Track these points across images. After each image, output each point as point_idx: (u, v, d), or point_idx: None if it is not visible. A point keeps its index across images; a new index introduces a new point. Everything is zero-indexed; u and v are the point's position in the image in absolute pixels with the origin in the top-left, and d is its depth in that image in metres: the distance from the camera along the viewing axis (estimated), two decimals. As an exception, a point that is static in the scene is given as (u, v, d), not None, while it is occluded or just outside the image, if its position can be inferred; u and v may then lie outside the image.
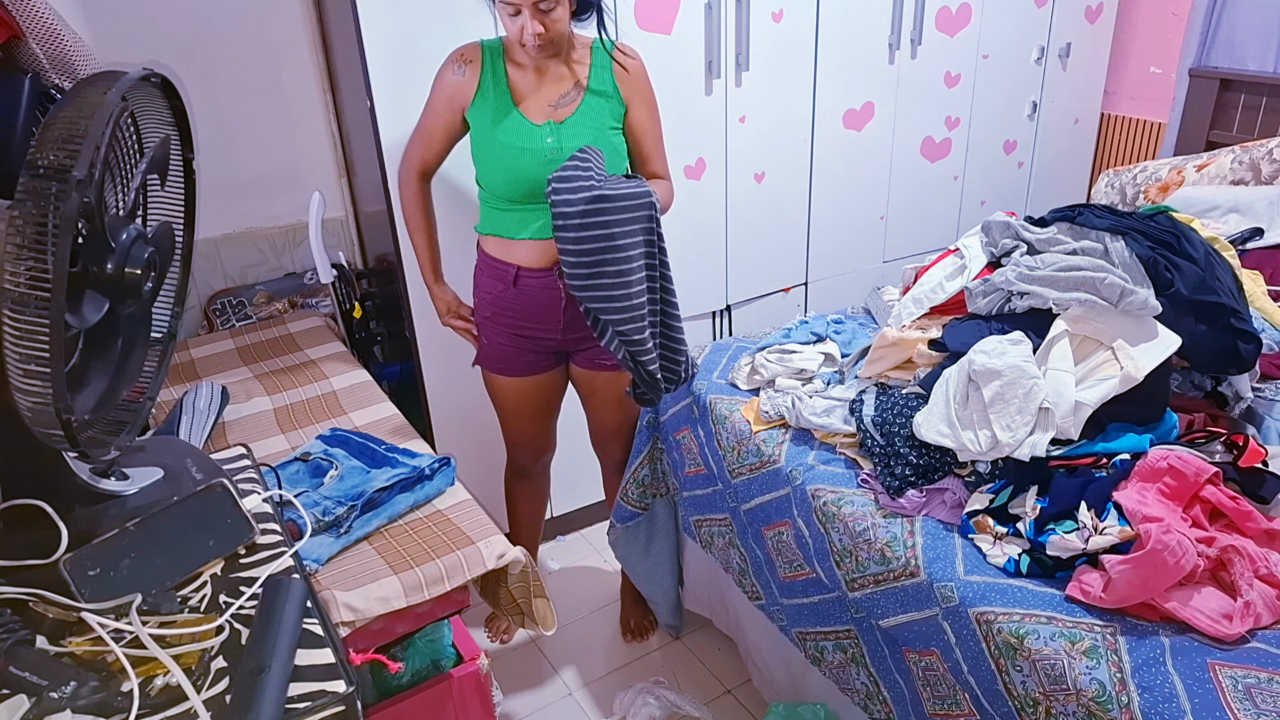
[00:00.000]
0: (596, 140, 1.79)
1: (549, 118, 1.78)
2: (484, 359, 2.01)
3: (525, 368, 1.97)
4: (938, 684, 1.45)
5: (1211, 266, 1.68)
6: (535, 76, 1.78)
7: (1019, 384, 1.49)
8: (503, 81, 1.78)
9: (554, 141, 1.77)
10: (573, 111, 1.79)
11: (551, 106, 1.79)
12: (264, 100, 2.42)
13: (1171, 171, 2.85)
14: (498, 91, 1.77)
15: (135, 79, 0.94)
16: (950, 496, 1.56)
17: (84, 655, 0.94)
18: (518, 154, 1.76)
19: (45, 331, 0.81)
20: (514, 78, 1.78)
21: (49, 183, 0.81)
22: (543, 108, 1.78)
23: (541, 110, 1.78)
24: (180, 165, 1.13)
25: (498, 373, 2.00)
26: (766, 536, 1.82)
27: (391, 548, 1.40)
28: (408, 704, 1.39)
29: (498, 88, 1.78)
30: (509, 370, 1.98)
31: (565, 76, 1.80)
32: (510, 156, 1.77)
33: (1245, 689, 1.15)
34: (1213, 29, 3.09)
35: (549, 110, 1.78)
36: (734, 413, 1.91)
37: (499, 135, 1.77)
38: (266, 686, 0.87)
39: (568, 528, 2.78)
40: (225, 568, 1.10)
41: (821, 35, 2.62)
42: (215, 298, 2.47)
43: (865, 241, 3.03)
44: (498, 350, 1.96)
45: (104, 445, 1.02)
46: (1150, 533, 1.26)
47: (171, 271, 1.16)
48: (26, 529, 1.03)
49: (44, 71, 1.12)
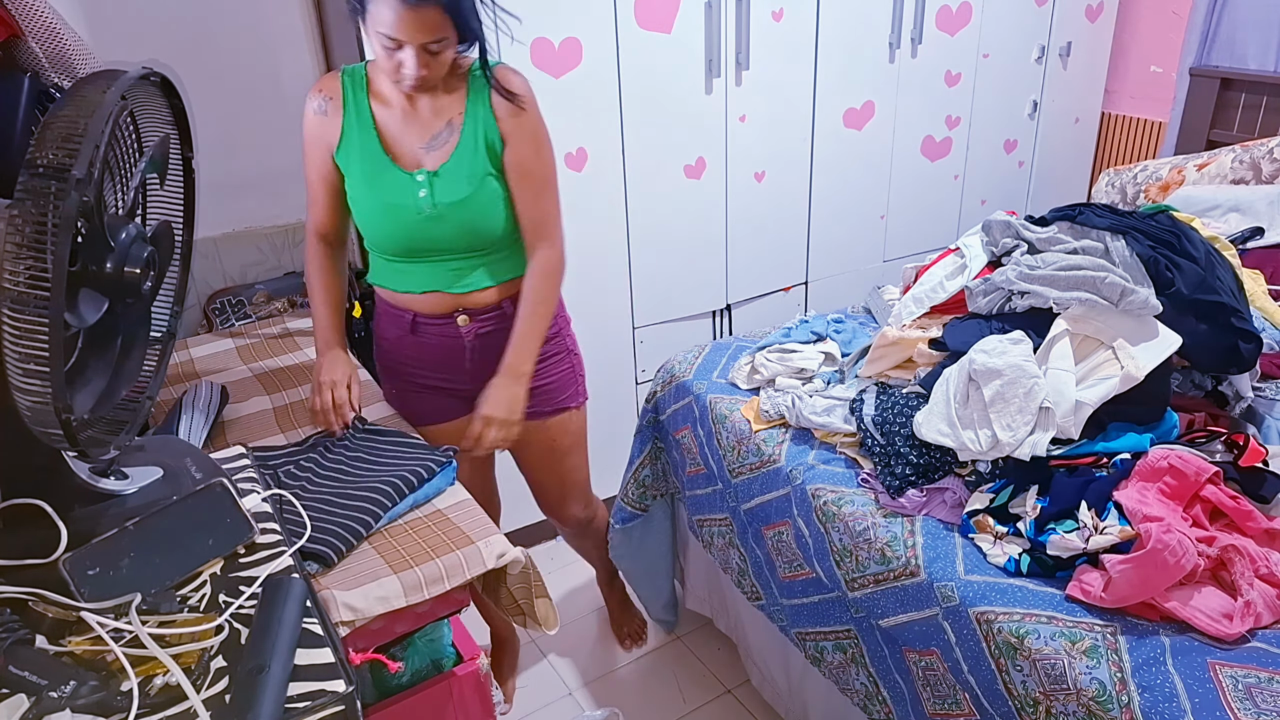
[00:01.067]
0: (475, 190, 1.57)
1: (420, 163, 1.57)
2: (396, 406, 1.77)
3: (435, 416, 1.79)
4: (938, 684, 1.45)
5: (1212, 266, 1.68)
6: (402, 114, 1.57)
7: (1019, 383, 1.49)
8: (367, 121, 1.56)
9: (428, 196, 1.56)
10: (447, 157, 1.56)
11: (423, 149, 1.57)
12: (263, 99, 2.42)
13: (1172, 171, 2.85)
14: (363, 134, 1.57)
15: (135, 78, 0.94)
16: (950, 496, 1.56)
17: (83, 655, 0.94)
18: (389, 210, 1.57)
19: (44, 331, 0.81)
20: (380, 116, 1.57)
21: (48, 181, 0.81)
22: (413, 150, 1.57)
23: (412, 154, 1.57)
24: (180, 164, 1.13)
25: (412, 423, 1.72)
26: (766, 536, 1.82)
27: (391, 547, 1.40)
28: (407, 704, 1.38)
29: (362, 129, 1.57)
30: (423, 419, 1.76)
31: (438, 111, 1.56)
32: (382, 213, 1.58)
33: (1246, 688, 1.15)
34: (1213, 28, 3.09)
35: (420, 153, 1.57)
36: (734, 412, 1.91)
37: (367, 189, 1.58)
38: (266, 686, 0.87)
39: (568, 527, 2.78)
40: (225, 567, 1.09)
41: (822, 34, 2.62)
42: (214, 297, 2.47)
43: (865, 241, 3.03)
44: (402, 400, 1.77)
45: (103, 444, 1.02)
46: (1150, 532, 1.26)
47: (171, 271, 1.16)
48: (26, 528, 1.03)
49: (43, 70, 1.12)
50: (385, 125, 1.58)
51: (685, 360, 2.15)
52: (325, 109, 1.58)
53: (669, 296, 2.65)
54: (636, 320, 2.62)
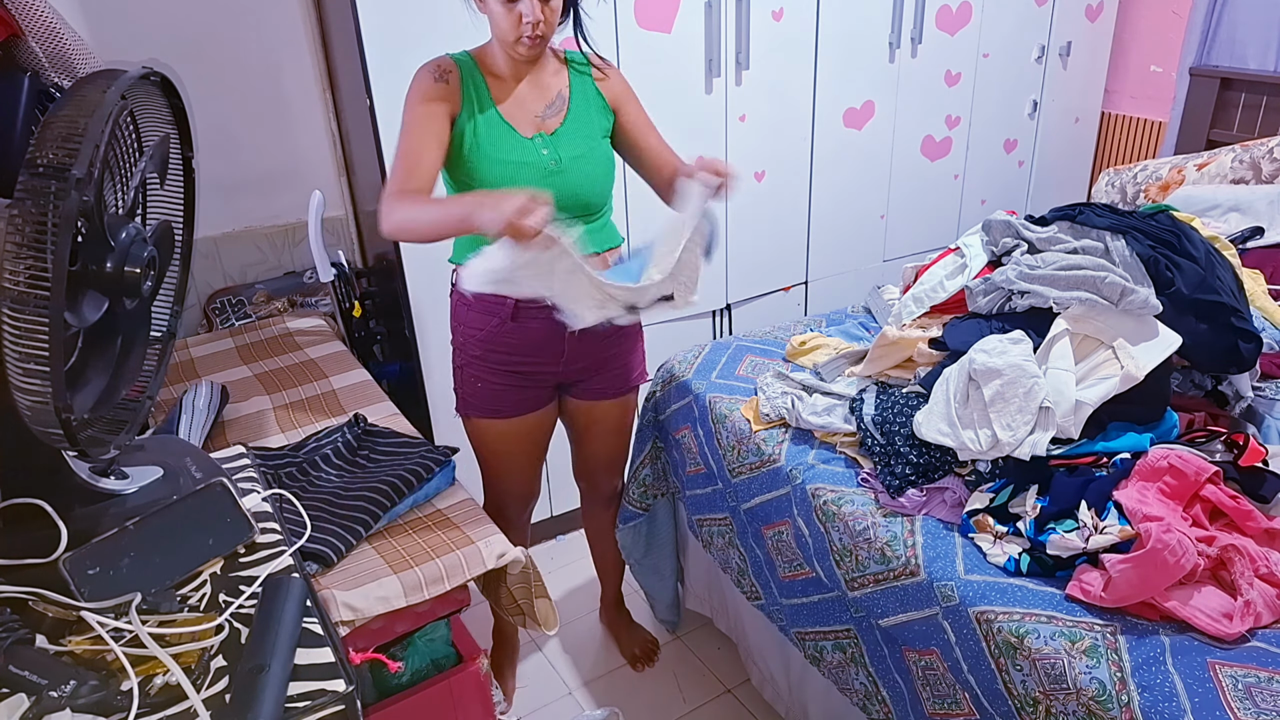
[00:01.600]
0: (590, 149, 1.70)
1: (538, 129, 1.67)
2: (470, 405, 1.84)
3: (519, 406, 1.82)
4: (937, 683, 1.45)
5: (1212, 265, 1.68)
6: (516, 87, 1.66)
7: (1019, 383, 1.49)
8: (485, 93, 1.65)
9: (550, 153, 1.65)
10: (561, 121, 1.68)
11: (538, 118, 1.67)
12: (263, 99, 2.42)
13: (1172, 170, 2.85)
14: (481, 104, 1.64)
15: (135, 77, 0.94)
16: (950, 495, 1.56)
17: (83, 654, 0.94)
18: (515, 169, 1.63)
19: (45, 330, 0.81)
20: (495, 90, 1.65)
21: (48, 181, 0.81)
22: (530, 120, 1.66)
23: (529, 122, 1.66)
24: (180, 164, 1.13)
25: (488, 417, 1.82)
26: (766, 536, 1.82)
27: (391, 547, 1.40)
28: (407, 703, 1.39)
29: (480, 99, 1.64)
30: (501, 412, 1.82)
31: (547, 86, 1.69)
32: (506, 173, 1.63)
33: (1245, 688, 1.15)
34: (1213, 28, 3.09)
35: (536, 122, 1.67)
36: (734, 412, 1.91)
37: (490, 151, 1.63)
38: (266, 685, 0.87)
39: (568, 527, 2.78)
40: (225, 567, 1.10)
41: (822, 34, 2.62)
42: (215, 296, 2.47)
43: (865, 240, 3.03)
44: (489, 392, 1.80)
45: (103, 444, 1.02)
46: (1150, 532, 1.26)
47: (171, 270, 1.16)
48: (26, 528, 1.03)
49: (43, 70, 1.12)
50: (500, 97, 1.66)
51: (685, 360, 2.15)
52: (445, 77, 1.62)
53: (669, 296, 2.65)
54: (636, 320, 2.62)
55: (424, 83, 1.63)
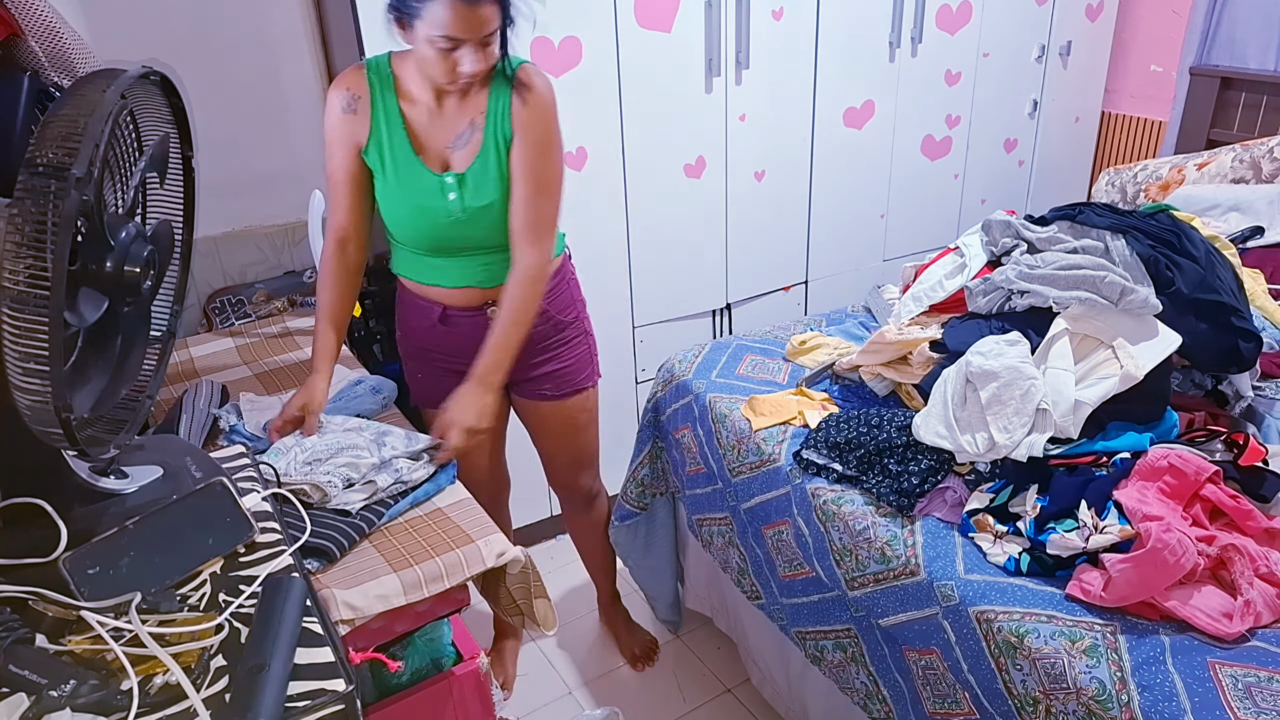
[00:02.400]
0: (500, 195, 1.58)
1: (447, 165, 1.57)
2: (417, 396, 1.87)
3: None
4: (938, 683, 1.45)
5: (1212, 265, 1.68)
6: (429, 113, 1.56)
7: (1016, 385, 1.49)
8: (396, 119, 1.55)
9: (457, 200, 1.57)
10: (473, 159, 1.56)
11: (448, 148, 1.57)
12: (263, 98, 2.42)
13: (1172, 170, 2.85)
14: (391, 133, 1.56)
15: (134, 77, 0.94)
16: (950, 495, 1.56)
17: (83, 654, 0.94)
18: (420, 212, 1.58)
19: (44, 330, 0.81)
20: (408, 114, 1.56)
21: (48, 180, 0.81)
22: (440, 150, 1.57)
23: (439, 154, 1.57)
24: (179, 163, 1.13)
25: (433, 408, 1.79)
26: (766, 535, 1.82)
27: (391, 546, 1.40)
28: (407, 703, 1.39)
29: (391, 127, 1.55)
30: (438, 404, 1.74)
31: (462, 110, 1.56)
32: (412, 214, 1.59)
33: (1245, 687, 1.15)
34: (1213, 27, 3.09)
35: (446, 153, 1.57)
36: (734, 411, 1.91)
37: (399, 188, 1.58)
38: (266, 685, 0.87)
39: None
40: (225, 566, 1.09)
41: (822, 33, 2.62)
42: (214, 296, 2.47)
43: (865, 240, 3.03)
44: (429, 385, 1.81)
45: (103, 444, 1.02)
46: (1150, 531, 1.26)
47: (171, 270, 1.16)
48: (26, 527, 1.03)
49: (43, 69, 1.12)
50: (413, 124, 1.57)
51: (685, 359, 2.15)
52: (354, 106, 1.56)
53: (669, 296, 2.65)
54: (636, 319, 2.62)
55: (332, 112, 1.57)
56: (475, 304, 1.72)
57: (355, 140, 1.58)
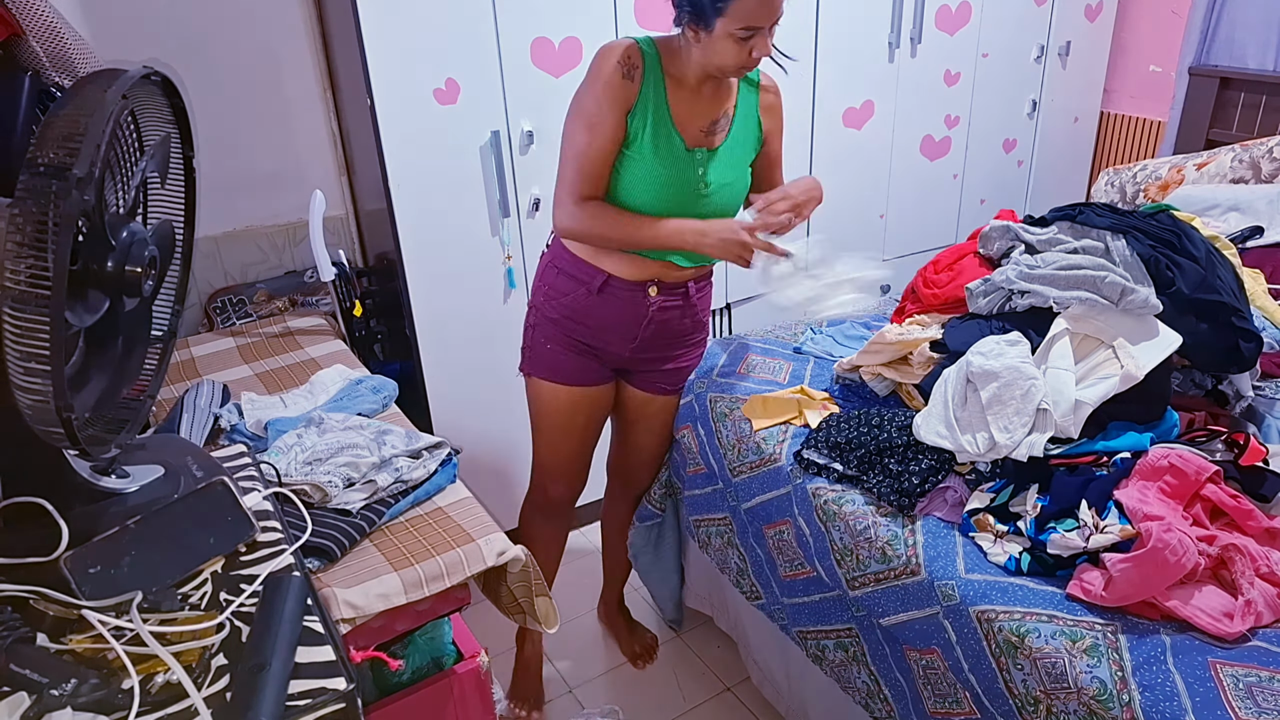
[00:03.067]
0: (738, 176, 1.72)
1: (700, 143, 1.67)
2: (535, 364, 1.85)
3: (579, 376, 1.84)
4: (938, 682, 1.45)
5: (1212, 265, 1.68)
6: (692, 95, 1.66)
7: (1016, 385, 1.49)
8: (662, 95, 1.63)
9: (704, 174, 1.67)
10: (723, 139, 1.70)
11: (704, 132, 1.67)
12: (264, 98, 2.42)
13: (1171, 170, 2.85)
14: (657, 106, 1.63)
15: (136, 77, 0.94)
16: (951, 495, 1.56)
17: (84, 653, 0.94)
18: (667, 182, 1.65)
19: (46, 330, 0.81)
20: (672, 93, 1.64)
21: (49, 181, 0.81)
22: (695, 131, 1.66)
23: (694, 134, 1.66)
24: (180, 163, 1.13)
25: (550, 380, 1.84)
26: (767, 535, 1.82)
27: (391, 544, 1.40)
28: (408, 701, 1.39)
29: (657, 101, 1.63)
30: (560, 376, 1.84)
31: (720, 100, 1.68)
32: (660, 182, 1.64)
33: (1246, 687, 1.15)
34: (1213, 27, 3.09)
35: (701, 136, 1.67)
36: (734, 411, 1.91)
37: (651, 154, 1.63)
38: (267, 684, 0.87)
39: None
40: (226, 565, 1.10)
41: (821, 33, 2.62)
42: (215, 296, 2.47)
43: (865, 240, 3.03)
44: (554, 355, 1.82)
45: (104, 443, 1.02)
46: (1151, 531, 1.26)
47: (172, 270, 1.16)
48: (27, 526, 1.03)
49: (44, 70, 1.12)
50: (674, 102, 1.65)
51: (685, 359, 2.14)
52: (632, 75, 1.60)
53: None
54: (637, 319, 2.62)
55: (610, 75, 1.60)
56: (645, 278, 1.75)
57: (626, 103, 1.61)
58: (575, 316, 1.79)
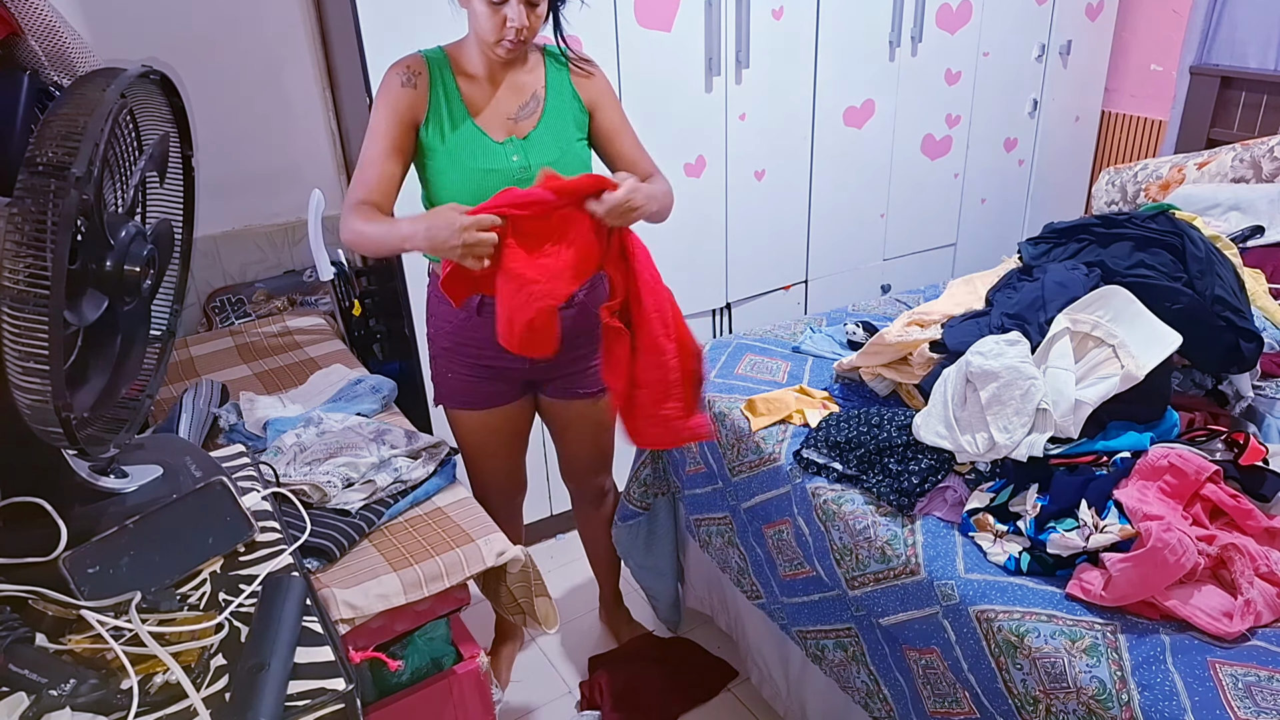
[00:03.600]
0: (563, 153, 1.66)
1: (510, 133, 1.63)
2: (444, 395, 1.84)
3: (490, 399, 1.82)
4: (938, 682, 1.45)
5: (1212, 264, 1.68)
6: (489, 88, 1.63)
7: (1016, 385, 1.49)
8: (455, 95, 1.61)
9: (520, 160, 1.63)
10: (535, 124, 1.65)
11: (511, 120, 1.64)
12: (263, 98, 2.42)
13: (1172, 169, 2.85)
14: (451, 107, 1.61)
15: (134, 76, 0.94)
16: (951, 494, 1.56)
17: (83, 653, 0.94)
18: (483, 176, 1.60)
19: (44, 329, 0.81)
20: (466, 91, 1.62)
21: (48, 180, 0.81)
22: (501, 122, 1.63)
23: (501, 125, 1.63)
24: (179, 163, 1.13)
25: (460, 408, 1.84)
26: (767, 535, 1.82)
27: (391, 545, 1.40)
28: (407, 702, 1.39)
29: (450, 103, 1.61)
30: (472, 403, 1.82)
31: (522, 87, 1.65)
32: (474, 179, 1.61)
33: (1245, 687, 1.15)
34: (1213, 26, 3.09)
35: (509, 124, 1.64)
36: (733, 410, 1.91)
37: (459, 157, 1.61)
38: (266, 684, 0.87)
39: (568, 526, 2.78)
40: (225, 565, 1.09)
41: (822, 32, 2.62)
42: (214, 295, 2.47)
43: (865, 239, 3.03)
44: (459, 383, 1.80)
45: (103, 443, 1.02)
46: (1151, 531, 1.26)
47: (170, 269, 1.16)
48: (26, 526, 1.03)
49: (43, 69, 1.12)
50: (472, 101, 1.62)
51: (685, 359, 2.14)
52: (413, 81, 1.59)
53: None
54: (636, 319, 2.62)
55: (391, 87, 1.59)
56: None
57: (413, 116, 1.60)
58: (464, 342, 1.75)
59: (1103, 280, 1.67)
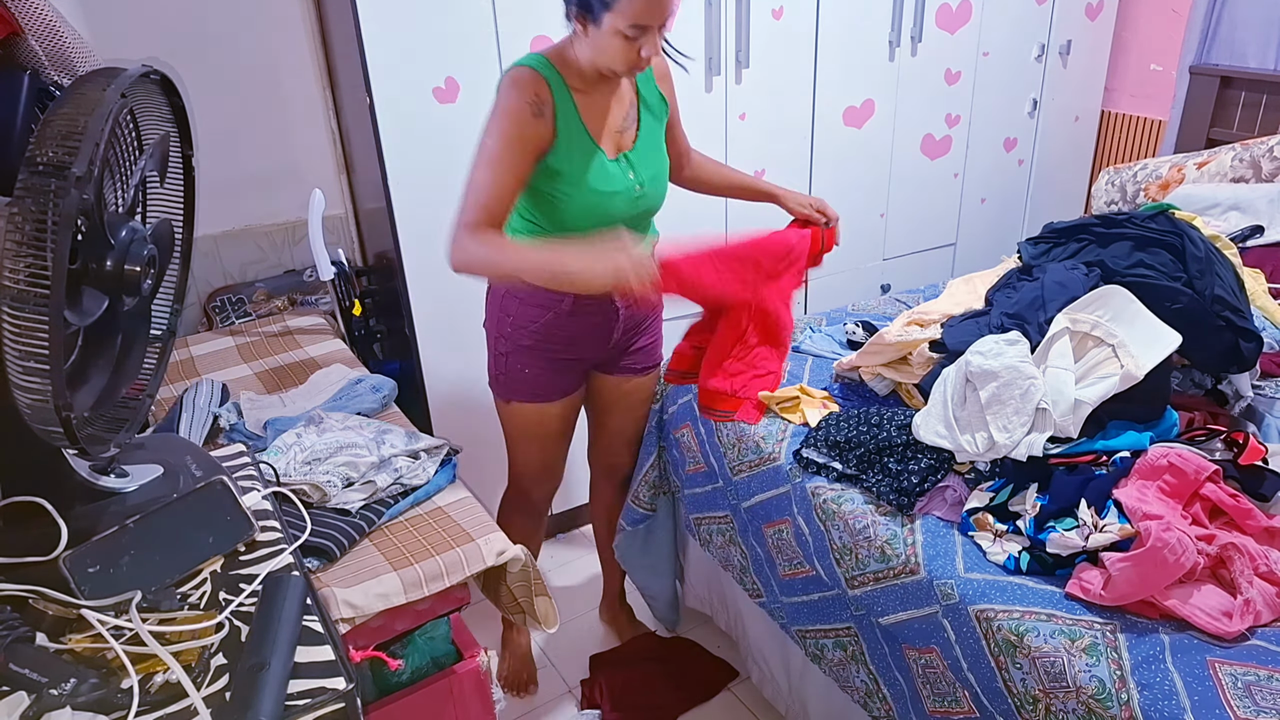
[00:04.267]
0: (662, 164, 1.71)
1: (618, 147, 1.65)
2: (515, 391, 1.84)
3: (562, 391, 1.86)
4: (938, 682, 1.45)
5: (1212, 264, 1.68)
6: (600, 102, 1.62)
7: (1015, 384, 1.49)
8: (575, 118, 1.59)
9: (635, 177, 1.66)
10: (635, 136, 1.68)
11: (618, 133, 1.65)
12: (264, 97, 2.42)
13: (1172, 169, 2.85)
14: (573, 131, 1.59)
15: (135, 76, 0.94)
16: (950, 494, 1.56)
17: (84, 652, 0.94)
18: (608, 199, 1.63)
19: (44, 329, 0.81)
20: (583, 109, 1.60)
21: (48, 179, 0.81)
22: (612, 137, 1.64)
23: (612, 141, 1.64)
24: (180, 162, 1.13)
25: (528, 401, 1.85)
26: (766, 534, 1.82)
27: (391, 544, 1.40)
28: (407, 701, 1.39)
29: (572, 128, 1.59)
30: (545, 396, 1.85)
31: (622, 97, 1.65)
32: (600, 202, 1.62)
33: (1245, 686, 1.15)
34: (1213, 26, 3.09)
35: (616, 138, 1.65)
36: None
37: (584, 180, 1.60)
38: (266, 683, 0.87)
39: (568, 526, 2.78)
40: (225, 565, 1.10)
41: (822, 32, 2.62)
42: (215, 295, 2.47)
43: (865, 239, 3.03)
44: (535, 379, 1.81)
45: (103, 442, 1.02)
46: (1150, 530, 1.26)
47: (171, 268, 1.16)
48: (26, 526, 1.03)
49: (43, 68, 1.12)
50: (587, 117, 1.61)
51: (685, 358, 2.14)
52: (542, 111, 1.55)
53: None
54: (636, 318, 2.62)
55: (519, 116, 1.53)
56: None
57: (541, 146, 1.56)
58: (552, 340, 1.77)
59: (1102, 280, 1.68)
